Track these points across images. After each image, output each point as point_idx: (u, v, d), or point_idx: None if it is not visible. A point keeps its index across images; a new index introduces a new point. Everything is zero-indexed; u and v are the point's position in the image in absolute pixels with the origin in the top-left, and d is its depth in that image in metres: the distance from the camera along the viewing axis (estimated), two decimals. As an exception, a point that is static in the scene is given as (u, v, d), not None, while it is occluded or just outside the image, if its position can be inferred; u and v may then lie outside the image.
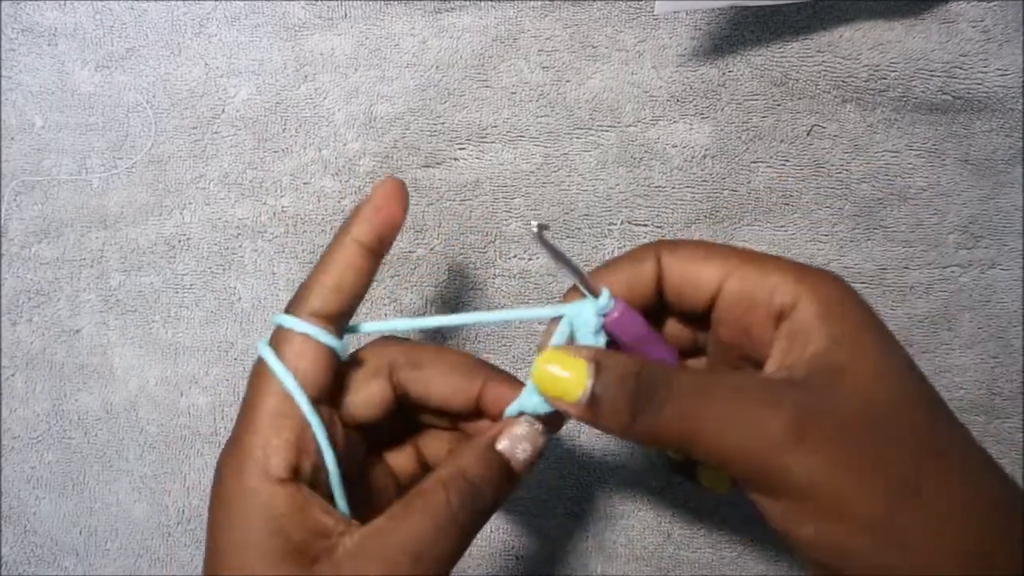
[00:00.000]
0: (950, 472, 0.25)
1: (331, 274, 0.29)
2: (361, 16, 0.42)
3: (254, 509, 0.27)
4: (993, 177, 0.42)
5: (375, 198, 0.29)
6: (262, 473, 0.27)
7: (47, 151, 0.42)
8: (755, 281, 0.28)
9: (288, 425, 0.28)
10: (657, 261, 0.29)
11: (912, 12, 0.41)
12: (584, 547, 0.42)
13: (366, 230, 0.29)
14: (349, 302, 0.29)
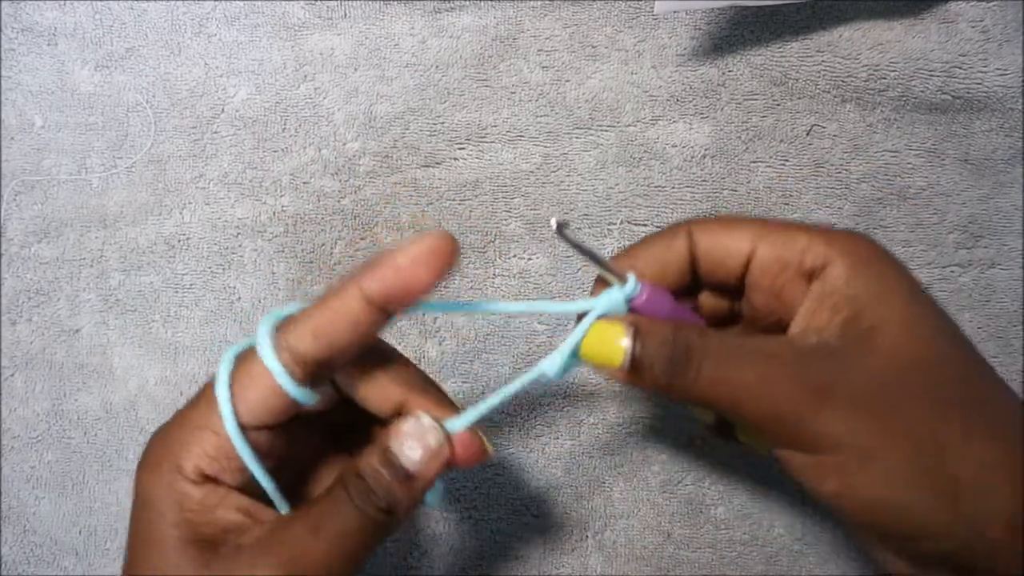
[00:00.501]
0: (976, 428, 0.25)
1: (317, 320, 0.27)
2: (361, 16, 0.42)
3: (166, 502, 0.27)
4: (993, 177, 0.42)
5: (406, 252, 0.26)
6: (176, 471, 0.27)
7: (47, 151, 0.42)
8: (785, 245, 0.28)
9: (211, 440, 0.27)
10: (688, 237, 0.30)
11: (911, 12, 0.41)
12: (584, 547, 0.42)
13: (377, 288, 0.26)
14: (331, 354, 0.27)
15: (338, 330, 0.26)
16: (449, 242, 0.25)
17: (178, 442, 0.28)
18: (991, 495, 0.25)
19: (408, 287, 0.26)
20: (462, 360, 0.43)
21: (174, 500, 0.27)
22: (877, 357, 0.26)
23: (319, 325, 0.27)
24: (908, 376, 0.25)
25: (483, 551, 0.43)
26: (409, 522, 0.42)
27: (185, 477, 0.27)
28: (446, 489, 0.43)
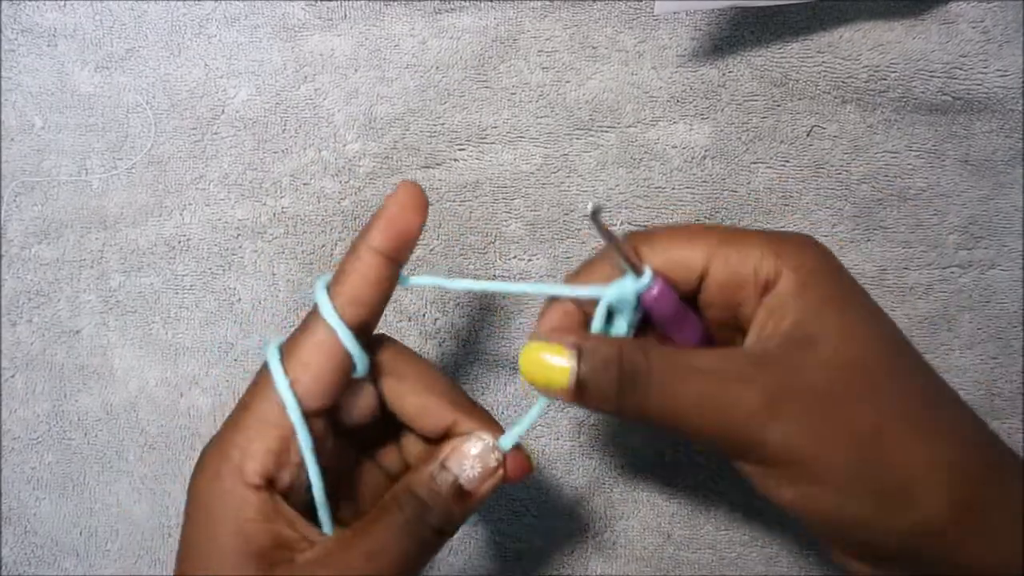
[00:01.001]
0: (914, 427, 0.26)
1: (347, 285, 0.28)
2: (361, 17, 0.42)
3: (224, 510, 0.27)
4: (993, 178, 0.42)
5: (390, 205, 0.28)
6: (237, 475, 0.27)
7: (47, 152, 0.42)
8: (738, 261, 0.28)
9: (273, 434, 0.28)
10: (636, 251, 0.30)
11: (912, 13, 0.41)
12: (584, 548, 0.42)
13: (382, 239, 0.28)
14: (367, 316, 0.28)
15: (367, 292, 0.28)
16: (416, 189, 0.28)
17: (237, 446, 0.28)
18: (932, 490, 0.26)
19: (406, 230, 0.28)
20: (462, 361, 0.43)
21: (234, 508, 0.27)
22: (816, 367, 0.26)
23: (351, 292, 0.28)
24: (846, 382, 0.26)
25: (483, 552, 0.43)
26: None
27: (246, 483, 0.27)
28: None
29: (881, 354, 0.27)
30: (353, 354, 0.28)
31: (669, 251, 0.29)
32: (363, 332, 0.29)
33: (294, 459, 0.28)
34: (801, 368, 0.26)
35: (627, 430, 0.42)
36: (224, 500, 0.27)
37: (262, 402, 0.28)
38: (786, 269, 0.28)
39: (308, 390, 0.28)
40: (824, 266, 0.28)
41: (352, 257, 0.28)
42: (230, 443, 0.28)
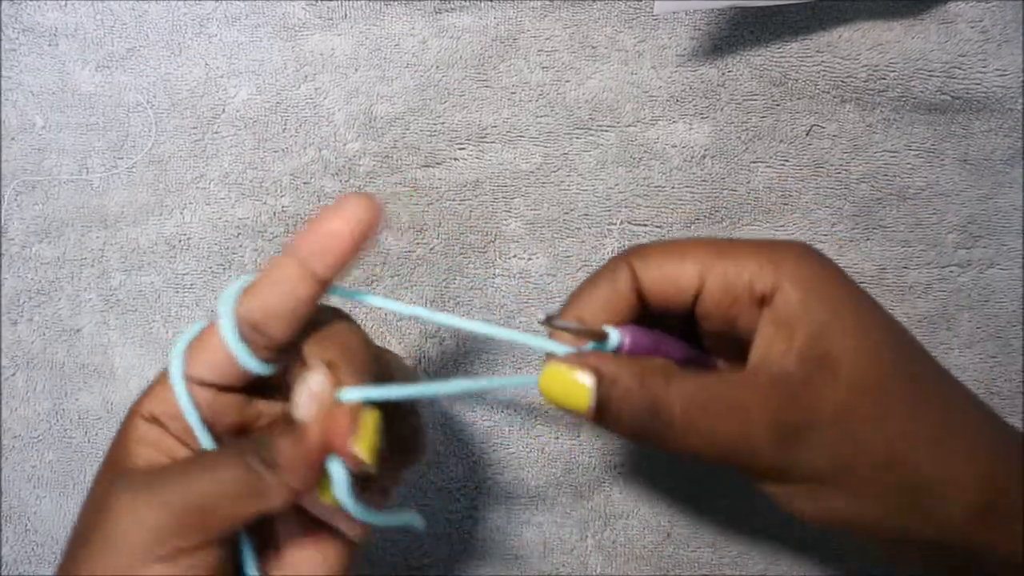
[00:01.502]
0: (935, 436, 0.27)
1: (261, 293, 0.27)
2: (361, 16, 0.42)
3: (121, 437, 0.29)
4: (992, 177, 0.42)
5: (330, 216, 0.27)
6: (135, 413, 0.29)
7: (48, 151, 0.42)
8: (734, 274, 0.28)
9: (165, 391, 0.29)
10: (631, 272, 0.30)
11: (911, 12, 0.41)
12: (583, 546, 0.43)
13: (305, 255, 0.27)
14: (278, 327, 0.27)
15: (281, 302, 0.27)
16: (367, 204, 0.26)
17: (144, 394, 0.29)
18: (955, 493, 0.26)
19: (331, 250, 0.27)
20: (463, 361, 0.43)
21: (126, 433, 0.29)
22: (837, 385, 0.26)
23: (263, 298, 0.27)
24: (867, 398, 0.26)
25: (483, 551, 0.43)
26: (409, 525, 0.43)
27: (141, 416, 0.29)
28: (447, 490, 0.43)
29: (898, 368, 0.27)
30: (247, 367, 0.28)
31: (663, 267, 0.29)
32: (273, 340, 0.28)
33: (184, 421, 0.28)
34: (821, 390, 0.26)
35: (627, 429, 0.43)
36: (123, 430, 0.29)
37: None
38: (786, 281, 0.28)
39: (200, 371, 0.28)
40: (825, 274, 0.28)
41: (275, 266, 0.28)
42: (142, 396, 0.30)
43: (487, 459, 0.43)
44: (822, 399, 0.26)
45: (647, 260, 0.30)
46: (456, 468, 0.43)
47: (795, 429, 0.26)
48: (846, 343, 0.27)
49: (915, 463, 0.26)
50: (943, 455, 0.26)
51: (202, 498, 0.26)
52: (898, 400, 0.27)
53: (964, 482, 0.26)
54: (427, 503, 0.43)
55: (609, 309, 0.30)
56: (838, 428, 0.26)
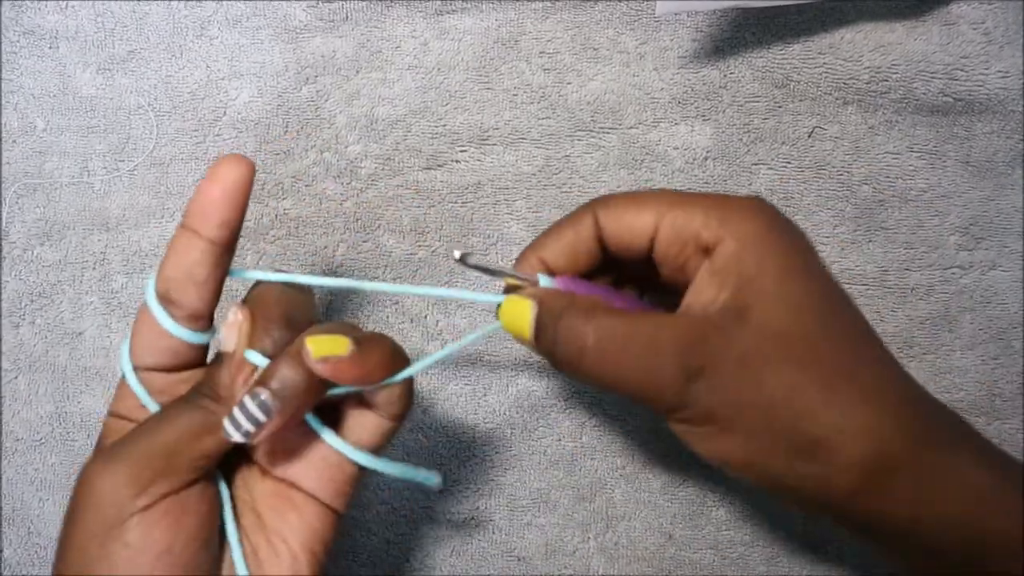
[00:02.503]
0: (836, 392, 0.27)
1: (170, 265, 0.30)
2: (362, 18, 0.42)
3: None
4: (994, 179, 0.42)
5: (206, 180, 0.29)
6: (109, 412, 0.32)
7: (49, 154, 0.42)
8: (684, 223, 0.30)
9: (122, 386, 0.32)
10: (594, 219, 0.32)
11: (913, 14, 0.41)
12: (585, 548, 0.43)
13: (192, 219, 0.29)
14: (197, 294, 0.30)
15: (179, 269, 0.30)
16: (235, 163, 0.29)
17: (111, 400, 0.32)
18: (840, 451, 0.27)
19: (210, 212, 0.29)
20: (464, 362, 0.43)
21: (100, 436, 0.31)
22: (746, 331, 0.28)
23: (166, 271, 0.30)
24: (772, 348, 0.28)
25: (485, 552, 0.43)
26: (410, 524, 0.43)
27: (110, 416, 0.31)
28: (449, 492, 0.43)
29: (808, 321, 0.28)
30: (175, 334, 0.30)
31: (623, 216, 0.31)
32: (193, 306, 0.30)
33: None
34: (731, 334, 0.28)
35: (628, 432, 0.43)
36: None
37: None
38: (728, 235, 0.29)
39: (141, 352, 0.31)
40: (768, 232, 0.29)
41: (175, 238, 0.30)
42: None
43: (489, 461, 0.43)
44: (729, 343, 0.28)
45: (609, 208, 0.31)
46: (458, 470, 0.43)
47: (699, 369, 0.27)
48: (764, 292, 0.28)
49: (808, 411, 0.27)
50: (836, 405, 0.27)
51: (164, 445, 0.28)
52: (801, 349, 0.28)
53: (851, 440, 0.27)
54: (429, 505, 0.43)
55: (569, 253, 0.32)
56: (738, 371, 0.27)
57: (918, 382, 0.30)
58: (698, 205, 0.30)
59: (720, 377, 0.28)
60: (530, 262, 0.32)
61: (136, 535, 0.27)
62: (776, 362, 0.27)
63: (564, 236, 0.32)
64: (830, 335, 0.28)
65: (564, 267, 0.32)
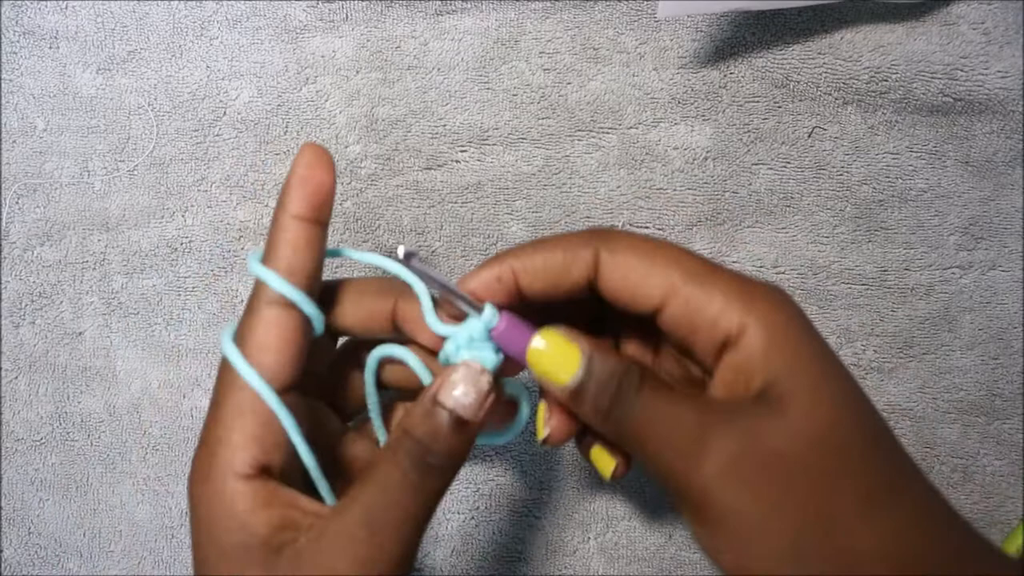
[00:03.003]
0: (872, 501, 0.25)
1: (280, 258, 0.28)
2: (362, 18, 0.42)
3: (220, 508, 0.27)
4: (993, 179, 0.42)
5: (297, 169, 0.28)
6: (226, 471, 0.27)
7: (49, 154, 0.42)
8: (700, 305, 0.27)
9: (251, 420, 0.27)
10: (595, 259, 0.28)
11: (913, 14, 0.41)
12: (586, 548, 0.43)
13: (299, 204, 0.28)
14: (305, 282, 0.28)
15: (300, 256, 0.28)
16: (319, 147, 0.29)
17: (220, 442, 0.28)
18: (882, 562, 0.25)
19: (319, 189, 0.28)
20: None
21: (228, 503, 0.27)
22: (783, 432, 0.25)
23: (286, 257, 0.28)
24: (807, 451, 0.25)
25: (486, 552, 0.43)
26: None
27: (237, 475, 0.27)
28: (450, 492, 0.43)
29: (849, 430, 0.26)
30: (311, 315, 0.28)
31: (628, 274, 0.28)
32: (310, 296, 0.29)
33: (279, 439, 0.28)
34: (768, 432, 0.26)
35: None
36: (218, 499, 0.27)
37: (233, 393, 0.28)
38: (754, 323, 0.26)
39: (272, 370, 0.28)
40: (796, 323, 0.27)
41: (276, 228, 0.29)
42: (213, 442, 0.28)
43: (489, 461, 0.43)
44: (766, 439, 0.25)
45: (615, 255, 0.28)
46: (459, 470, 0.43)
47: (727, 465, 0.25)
48: (801, 393, 0.26)
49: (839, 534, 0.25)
50: (869, 535, 0.25)
51: (391, 546, 0.27)
52: (841, 464, 0.25)
53: (895, 560, 0.25)
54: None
55: (551, 281, 0.29)
56: (770, 472, 0.25)
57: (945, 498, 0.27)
58: (717, 286, 0.27)
59: (752, 477, 0.25)
60: (500, 272, 0.29)
61: None
62: (811, 465, 0.25)
63: (552, 260, 0.28)
64: (869, 449, 0.26)
65: (538, 292, 0.29)
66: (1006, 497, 0.43)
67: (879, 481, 0.25)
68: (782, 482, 0.25)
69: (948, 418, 0.43)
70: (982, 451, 0.42)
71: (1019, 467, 0.42)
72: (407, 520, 0.27)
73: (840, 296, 0.42)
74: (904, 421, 0.43)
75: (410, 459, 0.27)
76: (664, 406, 0.27)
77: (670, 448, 0.26)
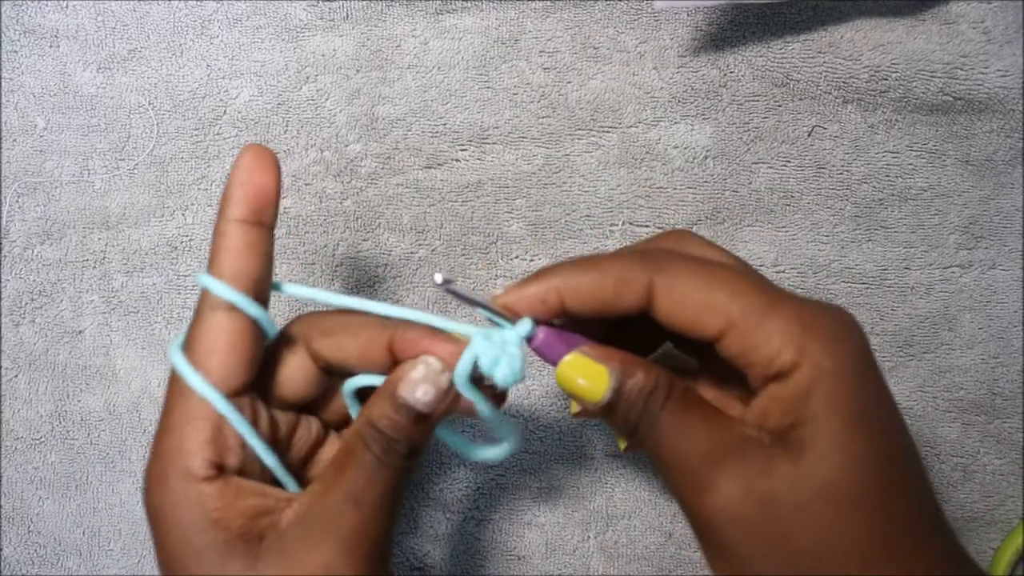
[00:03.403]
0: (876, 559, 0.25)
1: (223, 264, 0.28)
2: (363, 17, 0.42)
3: (186, 512, 0.27)
4: (993, 178, 0.42)
5: (236, 173, 0.28)
6: (184, 476, 0.27)
7: (49, 152, 0.42)
8: (756, 343, 0.26)
9: (202, 426, 0.28)
10: (649, 286, 0.28)
11: (913, 13, 0.41)
12: (586, 547, 0.43)
13: (238, 208, 0.28)
14: (251, 286, 0.29)
15: (242, 260, 0.28)
16: (262, 147, 0.29)
17: (173, 450, 0.28)
18: None
19: (259, 190, 0.28)
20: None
21: (195, 506, 0.27)
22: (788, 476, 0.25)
23: (229, 263, 0.28)
24: (809, 499, 0.25)
25: (485, 552, 0.43)
26: (410, 522, 0.43)
27: (195, 478, 0.27)
28: (450, 491, 0.43)
29: (860, 486, 0.25)
30: (257, 317, 0.29)
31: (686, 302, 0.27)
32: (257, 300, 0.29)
33: (233, 442, 0.28)
34: (777, 474, 0.25)
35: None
36: (182, 504, 0.27)
37: (181, 401, 0.28)
38: (807, 364, 0.26)
39: (219, 373, 0.28)
40: (850, 365, 0.26)
41: (217, 234, 0.28)
42: (167, 449, 0.28)
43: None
44: (773, 479, 0.25)
45: (671, 286, 0.27)
46: (459, 469, 0.43)
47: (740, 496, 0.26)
48: (824, 436, 0.25)
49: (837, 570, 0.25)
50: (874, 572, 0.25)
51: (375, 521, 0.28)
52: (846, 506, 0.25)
53: None
54: (429, 503, 0.43)
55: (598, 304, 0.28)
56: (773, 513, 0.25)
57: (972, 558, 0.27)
58: (776, 322, 0.26)
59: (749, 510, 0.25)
60: (545, 293, 0.28)
61: None
62: (813, 517, 0.25)
63: (602, 286, 0.28)
64: (884, 496, 0.26)
65: (585, 314, 0.28)
66: (1006, 496, 0.43)
67: (884, 538, 0.25)
68: (781, 526, 0.25)
69: (948, 417, 0.43)
70: (982, 450, 0.42)
71: (1019, 466, 0.42)
72: (388, 493, 0.28)
73: (840, 295, 0.42)
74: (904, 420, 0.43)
75: (379, 447, 0.28)
76: (682, 428, 0.27)
77: (682, 472, 0.27)
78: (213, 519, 0.27)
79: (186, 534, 0.27)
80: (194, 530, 0.27)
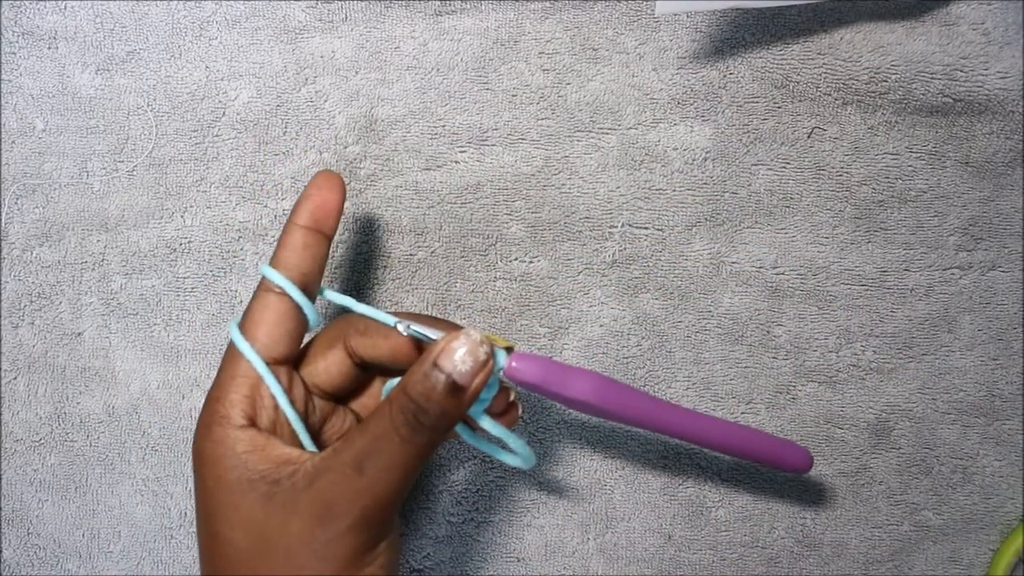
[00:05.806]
0: None
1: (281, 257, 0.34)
2: (362, 19, 0.42)
3: (222, 451, 0.32)
4: (993, 179, 0.42)
5: (307, 188, 0.35)
6: (225, 423, 0.32)
7: (48, 154, 0.42)
8: None
9: (243, 383, 0.33)
10: None
11: (913, 15, 0.41)
12: (585, 549, 0.43)
13: (303, 215, 0.34)
14: (301, 279, 0.34)
15: (298, 256, 0.34)
16: (332, 172, 0.35)
17: (218, 400, 0.32)
18: None
19: (322, 204, 0.34)
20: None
21: (229, 447, 0.32)
22: None
23: (285, 257, 0.34)
24: None
25: (485, 553, 0.43)
26: (410, 524, 0.43)
27: (232, 424, 0.32)
28: (449, 492, 0.43)
29: None
30: (301, 304, 0.33)
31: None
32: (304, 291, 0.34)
33: (268, 402, 0.33)
34: None
35: (628, 433, 0.43)
36: (219, 445, 0.32)
37: (231, 363, 0.33)
38: None
39: (262, 342, 0.33)
40: None
41: (283, 235, 0.34)
42: (214, 401, 0.33)
43: (489, 461, 0.43)
44: None
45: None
46: (458, 470, 0.43)
47: None
48: None
49: None
50: None
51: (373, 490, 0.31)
52: None
53: None
54: (429, 505, 0.43)
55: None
56: None
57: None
58: None
59: None
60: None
61: None
62: None
63: None
64: None
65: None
66: (1006, 498, 0.43)
67: None
68: None
69: (948, 419, 0.43)
70: (982, 452, 0.43)
71: (1019, 468, 0.42)
72: (393, 468, 0.30)
73: (839, 297, 0.42)
74: (904, 422, 0.43)
75: (403, 414, 0.30)
76: None
77: None
78: (242, 460, 0.31)
79: (218, 471, 0.31)
80: (225, 467, 0.31)
